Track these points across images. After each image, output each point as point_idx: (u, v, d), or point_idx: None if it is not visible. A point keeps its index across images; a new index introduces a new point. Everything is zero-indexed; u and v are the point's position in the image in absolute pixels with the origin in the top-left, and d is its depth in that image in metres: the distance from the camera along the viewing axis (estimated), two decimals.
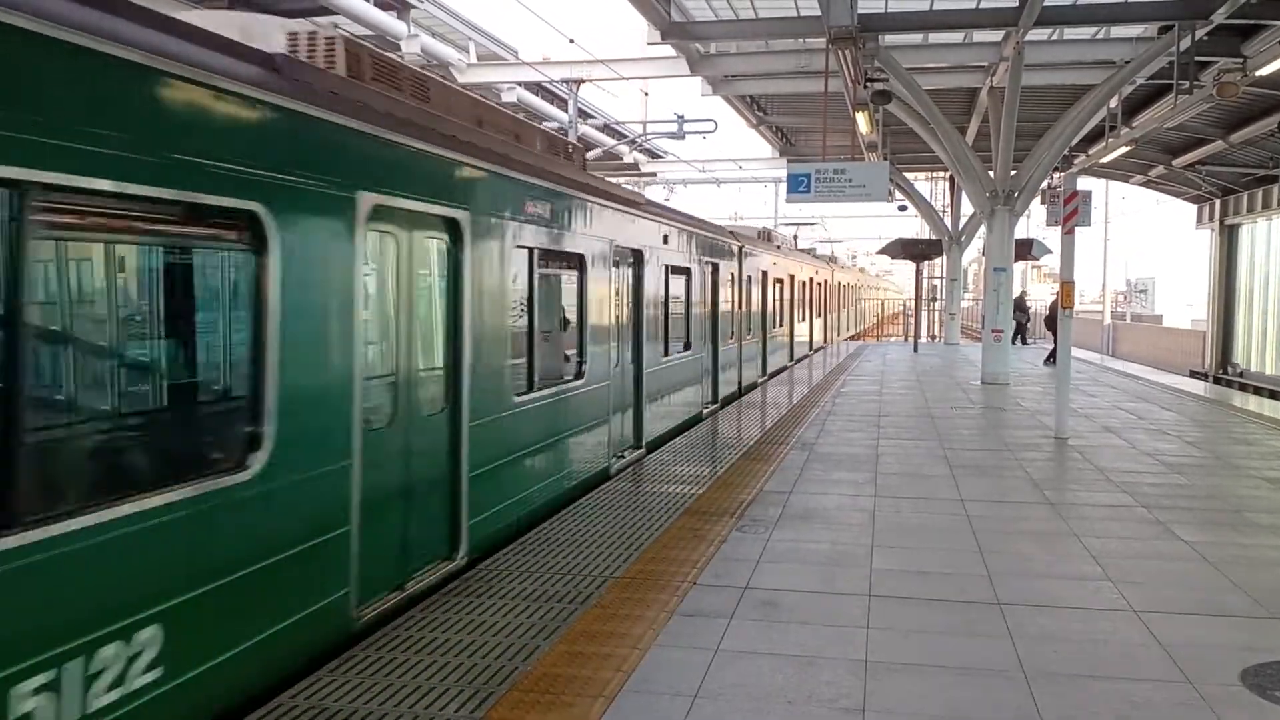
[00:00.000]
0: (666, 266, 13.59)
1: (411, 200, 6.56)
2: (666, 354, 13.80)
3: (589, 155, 26.93)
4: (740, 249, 19.23)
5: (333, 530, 5.68)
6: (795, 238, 47.13)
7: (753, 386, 20.39)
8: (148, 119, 4.30)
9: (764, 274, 22.16)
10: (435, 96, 7.60)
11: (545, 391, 9.10)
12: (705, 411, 16.12)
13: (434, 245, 7.04)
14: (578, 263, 10.06)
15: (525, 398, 8.57)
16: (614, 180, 14.56)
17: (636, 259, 12.23)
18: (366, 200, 5.95)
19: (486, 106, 8.76)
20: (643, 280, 12.38)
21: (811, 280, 31.47)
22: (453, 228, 7.18)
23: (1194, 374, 32.02)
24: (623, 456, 11.67)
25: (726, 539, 7.94)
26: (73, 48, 3.86)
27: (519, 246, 8.40)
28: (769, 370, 23.26)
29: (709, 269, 16.40)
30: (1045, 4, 16.51)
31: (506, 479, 8.13)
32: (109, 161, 4.05)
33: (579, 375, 10.13)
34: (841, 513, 8.93)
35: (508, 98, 25.54)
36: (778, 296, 24.99)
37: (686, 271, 14.82)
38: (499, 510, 7.96)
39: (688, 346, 15.02)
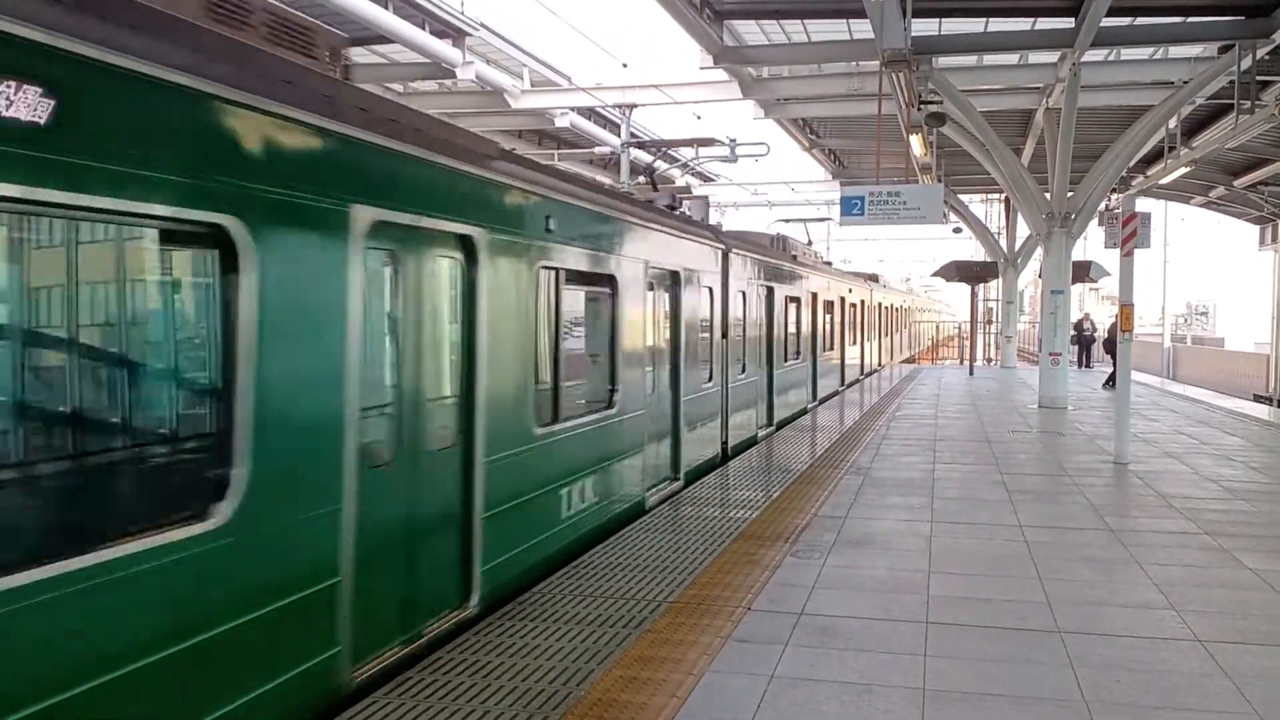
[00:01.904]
0: (711, 290, 13.15)
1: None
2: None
3: (638, 180, 27.09)
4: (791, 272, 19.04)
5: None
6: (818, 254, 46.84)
7: (802, 412, 19.97)
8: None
9: (814, 296, 21.98)
10: None
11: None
12: (761, 434, 16.10)
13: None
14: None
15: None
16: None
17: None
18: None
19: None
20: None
21: (863, 303, 31.28)
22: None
23: (1258, 398, 31.37)
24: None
25: (781, 564, 7.89)
26: None
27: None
28: (820, 395, 22.84)
29: (763, 291, 16.32)
30: (1102, 25, 16.36)
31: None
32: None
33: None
34: (898, 538, 8.85)
35: (561, 123, 25.75)
36: (830, 320, 24.77)
37: (741, 295, 14.76)
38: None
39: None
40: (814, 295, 21.21)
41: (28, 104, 3.43)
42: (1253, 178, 29.39)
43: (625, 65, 24.51)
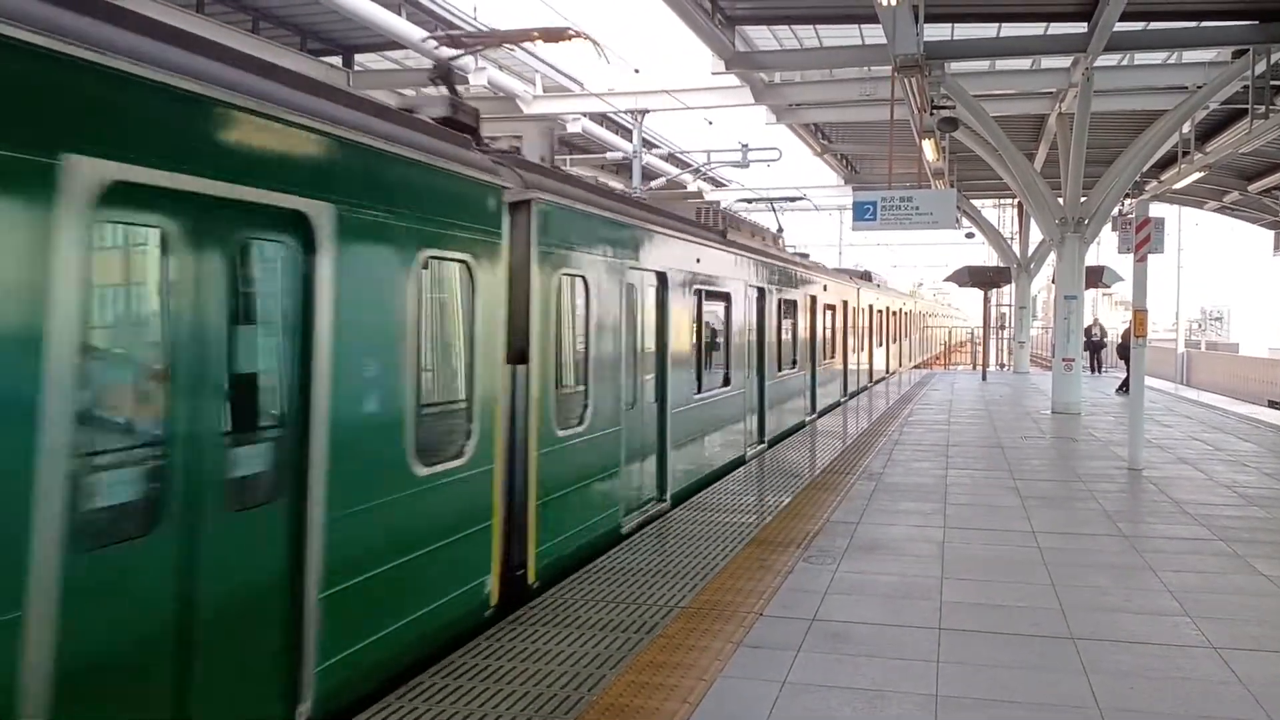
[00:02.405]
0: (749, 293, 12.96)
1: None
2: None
3: (652, 184, 27.09)
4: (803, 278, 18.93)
5: None
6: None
7: (811, 423, 19.73)
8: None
9: (844, 304, 22.19)
10: None
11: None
12: (807, 419, 16.66)
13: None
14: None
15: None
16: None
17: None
18: None
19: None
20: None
21: (871, 308, 31.29)
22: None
23: (1272, 404, 31.18)
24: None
25: (793, 570, 7.87)
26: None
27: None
28: (822, 405, 22.35)
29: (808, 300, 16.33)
30: (1115, 29, 16.33)
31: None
32: None
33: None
34: (910, 544, 8.82)
35: (573, 128, 25.80)
36: (846, 325, 24.81)
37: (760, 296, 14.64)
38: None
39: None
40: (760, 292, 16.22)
41: None
42: (1267, 182, 29.29)
43: (637, 71, 24.59)
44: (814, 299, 20.46)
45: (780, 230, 21.81)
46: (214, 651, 4.35)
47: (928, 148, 19.96)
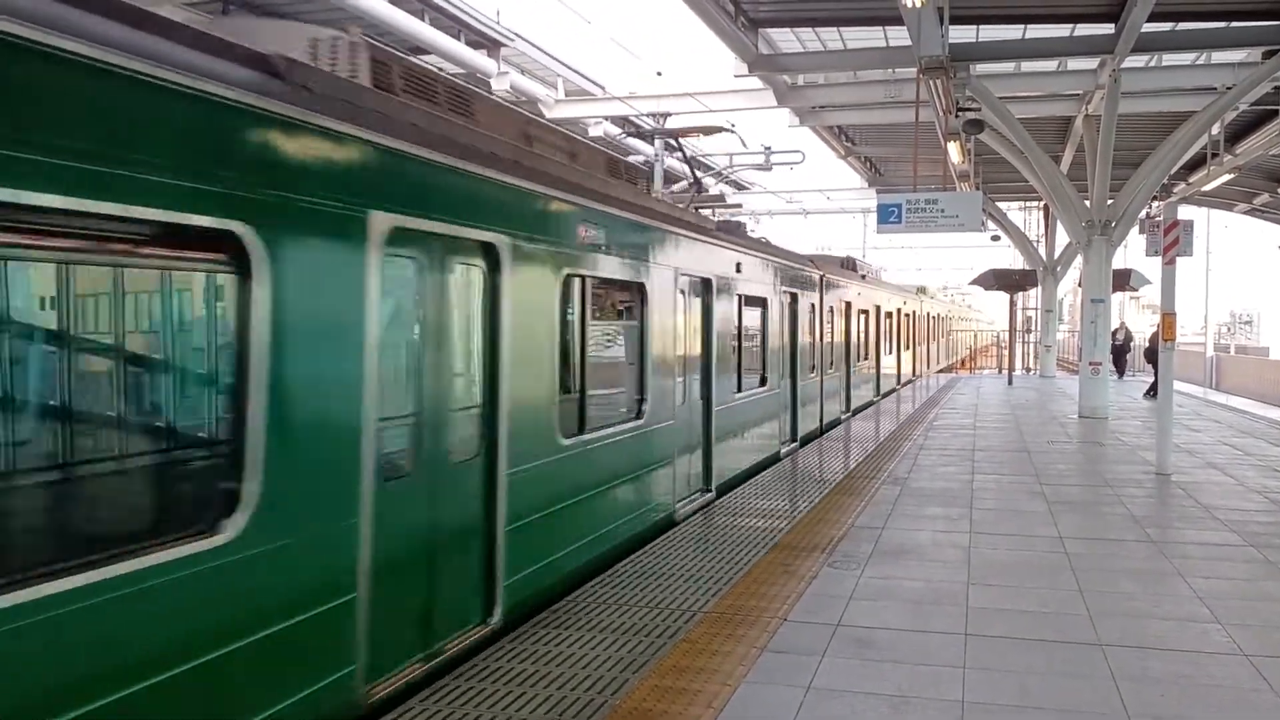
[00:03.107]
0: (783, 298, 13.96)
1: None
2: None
3: (674, 187, 27.09)
4: (821, 280, 18.93)
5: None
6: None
7: (835, 423, 19.97)
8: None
9: (877, 308, 22.45)
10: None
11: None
12: (843, 415, 17.20)
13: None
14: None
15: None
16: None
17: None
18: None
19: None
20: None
21: (899, 311, 31.26)
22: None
23: None
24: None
25: (817, 575, 7.83)
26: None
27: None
28: (854, 406, 22.73)
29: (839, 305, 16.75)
30: (1143, 30, 16.19)
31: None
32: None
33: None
34: (936, 549, 8.76)
35: (595, 132, 25.80)
36: (875, 329, 24.94)
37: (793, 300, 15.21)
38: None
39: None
40: (877, 307, 19.49)
41: None
42: None
43: (659, 74, 24.56)
44: (848, 304, 21.14)
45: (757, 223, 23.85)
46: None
47: (953, 150, 19.85)
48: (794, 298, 16.02)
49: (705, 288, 11.29)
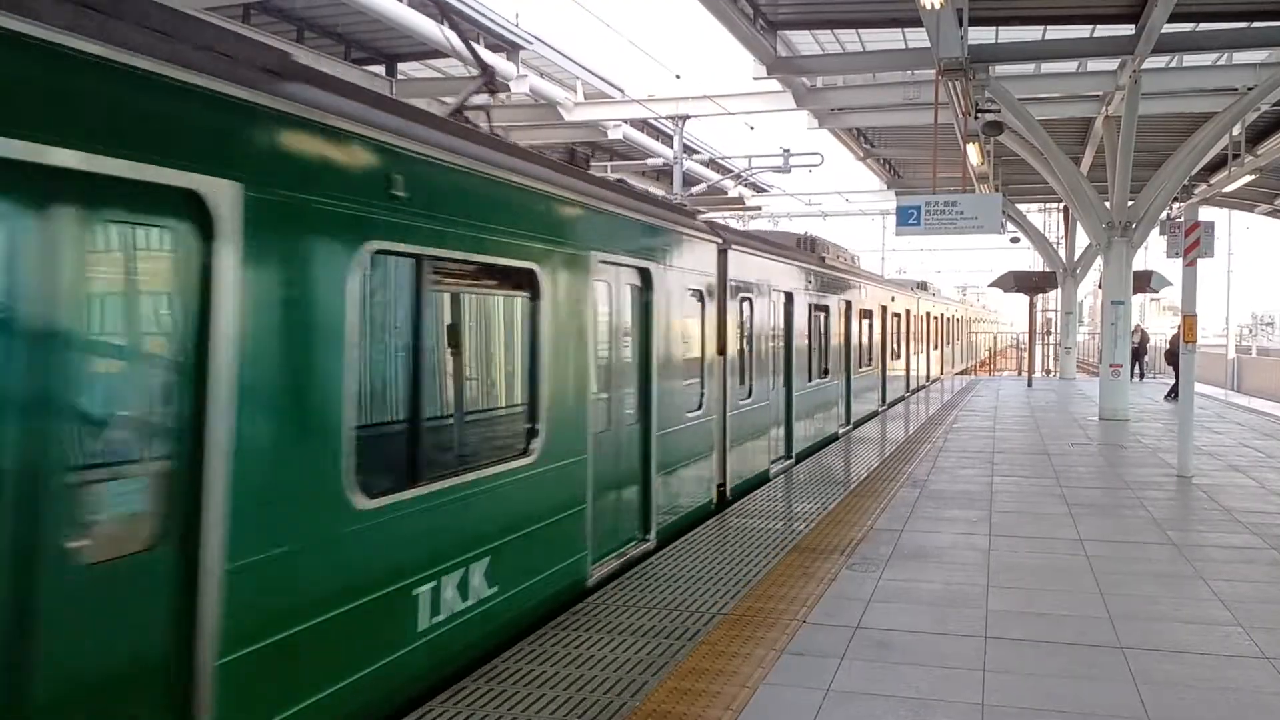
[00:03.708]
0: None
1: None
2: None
3: (693, 190, 27.10)
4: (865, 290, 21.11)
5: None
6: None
7: (872, 415, 21.41)
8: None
9: (907, 312, 23.51)
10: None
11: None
12: (841, 431, 18.48)
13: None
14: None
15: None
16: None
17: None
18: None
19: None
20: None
21: (928, 314, 31.49)
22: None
23: None
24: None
25: (837, 577, 7.83)
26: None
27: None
28: (889, 399, 23.16)
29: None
30: (1163, 31, 16.12)
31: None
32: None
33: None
34: (955, 551, 8.74)
35: (613, 134, 25.84)
36: (898, 331, 25.45)
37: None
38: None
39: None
40: (908, 311, 23.80)
41: None
42: None
43: (678, 77, 24.58)
44: (884, 308, 23.63)
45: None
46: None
47: (972, 152, 19.80)
48: (848, 305, 18.74)
49: (788, 300, 14.45)
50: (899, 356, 26.39)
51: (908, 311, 27.20)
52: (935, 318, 34.38)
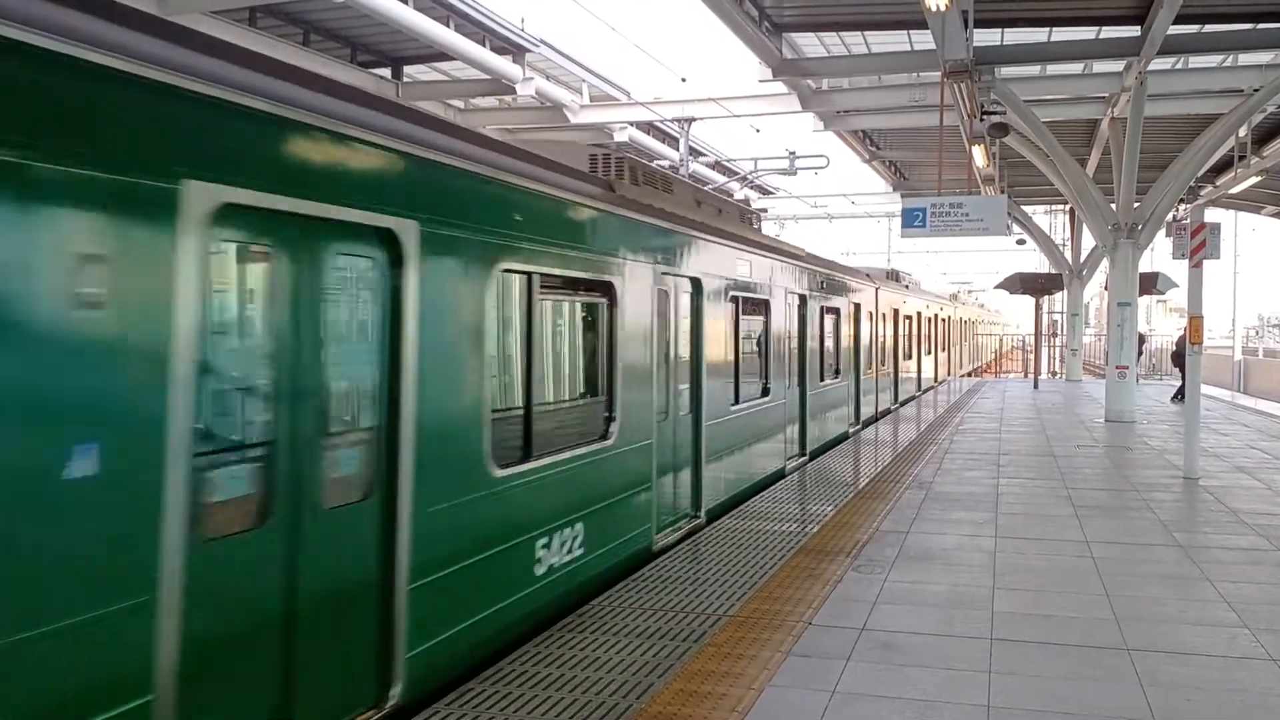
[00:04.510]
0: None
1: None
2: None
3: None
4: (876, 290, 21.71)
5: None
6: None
7: (887, 412, 22.36)
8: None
9: (918, 314, 24.17)
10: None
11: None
12: (850, 431, 18.74)
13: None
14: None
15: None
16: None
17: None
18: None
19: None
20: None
21: (936, 317, 31.55)
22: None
23: None
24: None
25: (842, 579, 7.83)
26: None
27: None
28: (879, 410, 22.96)
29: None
30: (1169, 32, 16.10)
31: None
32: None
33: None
34: (961, 553, 8.74)
35: (620, 137, 25.85)
36: (905, 332, 25.64)
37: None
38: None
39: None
40: (918, 314, 25.35)
41: None
42: None
43: (684, 80, 24.58)
44: (896, 311, 24.36)
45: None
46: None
47: (978, 154, 19.78)
48: (857, 307, 19.33)
49: (801, 302, 15.44)
50: (910, 357, 27.35)
51: (918, 314, 27.77)
52: (929, 319, 34.43)
